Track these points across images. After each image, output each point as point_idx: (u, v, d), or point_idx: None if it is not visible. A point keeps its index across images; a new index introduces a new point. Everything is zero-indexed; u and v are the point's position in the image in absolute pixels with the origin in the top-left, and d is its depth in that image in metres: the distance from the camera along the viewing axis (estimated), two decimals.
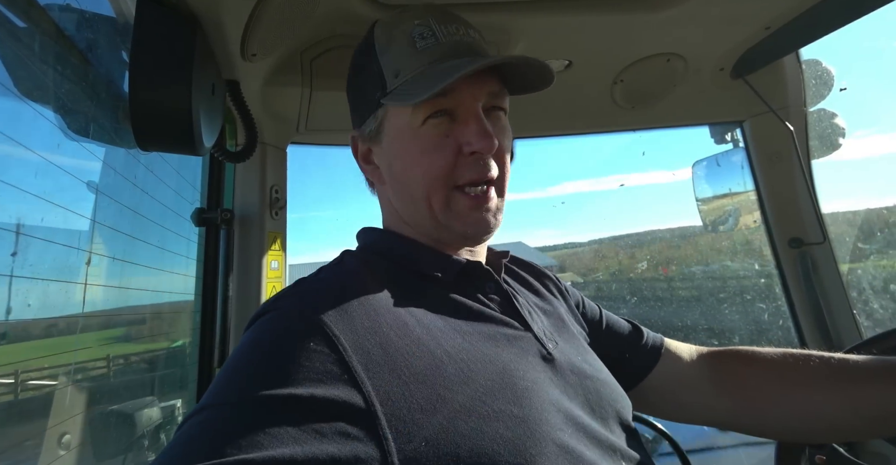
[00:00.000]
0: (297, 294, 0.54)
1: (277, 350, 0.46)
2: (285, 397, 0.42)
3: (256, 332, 0.50)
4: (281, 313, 0.51)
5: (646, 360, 0.81)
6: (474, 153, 0.59)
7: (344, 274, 0.60)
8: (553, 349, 0.61)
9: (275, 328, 0.49)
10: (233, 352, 0.49)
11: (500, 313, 0.62)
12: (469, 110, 0.60)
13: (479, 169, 0.60)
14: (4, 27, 0.76)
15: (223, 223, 1.18)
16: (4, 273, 0.77)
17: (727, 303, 2.60)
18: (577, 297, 0.85)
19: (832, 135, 1.44)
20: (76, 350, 1.02)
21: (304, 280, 0.59)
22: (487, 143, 0.58)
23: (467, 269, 0.63)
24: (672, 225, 4.05)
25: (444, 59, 0.59)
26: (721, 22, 1.06)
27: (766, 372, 0.75)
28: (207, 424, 0.41)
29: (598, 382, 0.62)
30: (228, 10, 0.77)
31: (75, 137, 0.91)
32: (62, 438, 0.96)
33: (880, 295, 1.64)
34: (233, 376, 0.46)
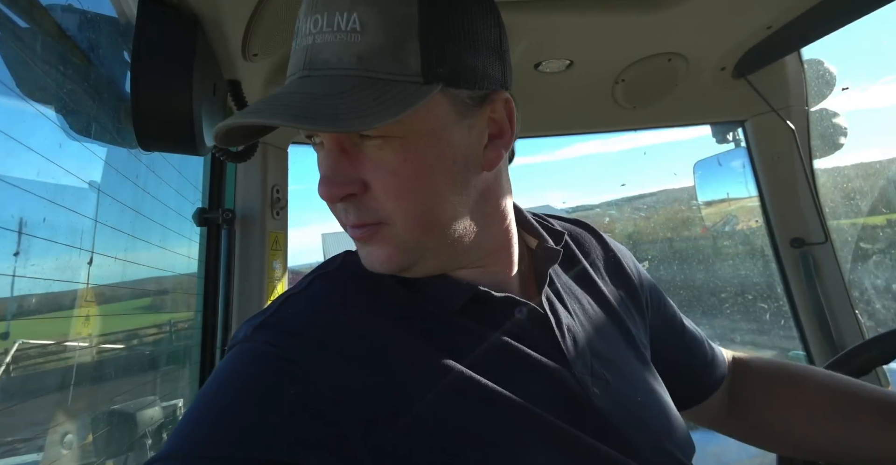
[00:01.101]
0: (277, 324, 0.46)
1: (254, 397, 0.40)
2: (264, 460, 0.37)
3: (230, 368, 0.44)
4: (260, 349, 0.44)
5: (704, 389, 0.73)
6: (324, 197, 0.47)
7: (333, 297, 0.51)
8: (600, 393, 0.51)
9: (251, 369, 0.43)
10: (206, 386, 0.43)
11: (528, 348, 0.50)
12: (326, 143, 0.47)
13: (343, 214, 0.48)
14: (6, 27, 0.76)
15: (224, 223, 1.18)
16: (7, 273, 0.77)
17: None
18: (653, 294, 0.71)
19: (834, 135, 1.44)
20: (77, 351, 1.02)
21: (287, 301, 0.50)
22: (324, 190, 0.46)
23: (480, 299, 0.51)
24: (686, 184, 3.89)
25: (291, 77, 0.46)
26: (722, 21, 1.05)
27: (770, 389, 0.74)
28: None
29: (658, 429, 0.53)
30: (230, 10, 0.78)
31: (77, 137, 0.91)
32: (64, 437, 0.96)
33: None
34: (202, 423, 0.40)
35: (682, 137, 9.52)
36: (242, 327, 0.48)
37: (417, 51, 0.43)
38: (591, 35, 1.05)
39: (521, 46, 1.04)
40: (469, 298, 0.50)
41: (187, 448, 0.38)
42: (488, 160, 0.50)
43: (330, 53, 0.43)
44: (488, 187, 0.52)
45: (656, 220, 3.77)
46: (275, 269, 1.24)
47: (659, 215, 3.82)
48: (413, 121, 0.44)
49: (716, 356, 0.74)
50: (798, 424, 0.71)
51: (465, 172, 0.48)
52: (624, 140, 18.84)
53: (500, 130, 0.51)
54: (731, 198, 1.57)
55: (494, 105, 0.49)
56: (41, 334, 0.96)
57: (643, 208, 4.05)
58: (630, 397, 0.54)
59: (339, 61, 0.43)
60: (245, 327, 0.47)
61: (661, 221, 3.72)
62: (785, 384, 0.73)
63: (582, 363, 0.52)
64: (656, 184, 7.12)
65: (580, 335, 0.55)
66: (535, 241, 0.60)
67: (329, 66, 0.43)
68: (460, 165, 0.47)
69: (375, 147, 0.45)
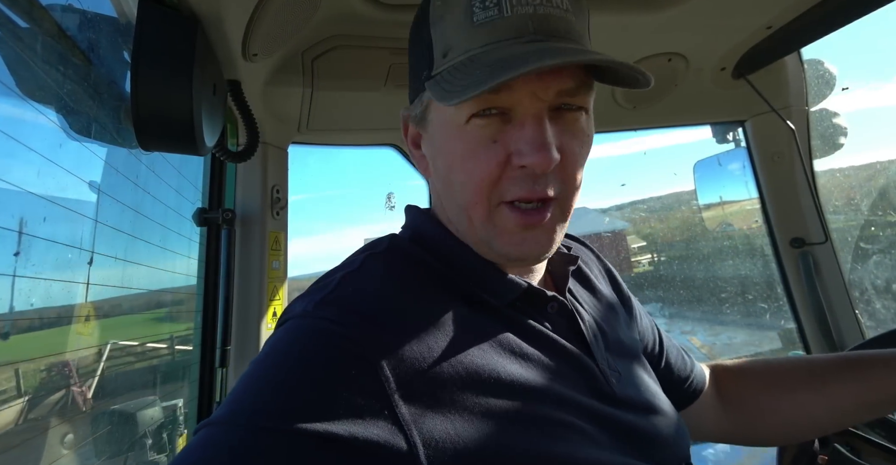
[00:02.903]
0: (340, 302, 0.46)
1: (316, 375, 0.40)
2: (321, 434, 0.37)
3: (294, 342, 0.43)
4: (320, 326, 0.44)
5: (685, 398, 0.77)
6: (525, 167, 0.47)
7: (393, 279, 0.50)
8: (616, 384, 0.54)
9: (313, 346, 0.42)
10: (266, 354, 0.43)
11: (563, 339, 0.53)
12: (527, 112, 0.47)
13: (530, 187, 0.47)
14: (6, 27, 0.76)
15: (224, 223, 1.18)
16: (7, 273, 0.77)
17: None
18: (635, 302, 0.77)
19: (834, 134, 1.44)
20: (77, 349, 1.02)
21: (347, 279, 0.49)
22: (542, 157, 0.45)
23: (528, 294, 0.54)
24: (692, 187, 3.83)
25: (503, 41, 0.46)
26: (722, 22, 1.05)
27: (754, 384, 0.79)
28: (230, 447, 0.37)
29: (660, 417, 0.57)
30: (230, 10, 0.78)
31: (77, 137, 0.91)
32: (64, 438, 0.96)
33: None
34: (266, 392, 0.40)
35: (682, 141, 9.49)
36: (298, 303, 0.48)
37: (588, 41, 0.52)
38: (590, 35, 1.05)
39: None
40: (522, 293, 0.53)
41: (245, 418, 0.38)
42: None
43: (563, 25, 0.47)
44: None
45: (669, 223, 3.78)
46: (275, 269, 1.24)
47: (670, 219, 3.85)
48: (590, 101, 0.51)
49: (694, 367, 0.79)
50: (787, 407, 0.76)
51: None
52: (623, 145, 18.75)
53: None
54: (730, 198, 1.57)
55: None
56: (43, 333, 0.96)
57: (647, 210, 4.06)
58: (637, 388, 0.57)
59: (570, 33, 0.47)
60: (303, 303, 0.47)
61: (675, 225, 3.74)
62: (763, 374, 0.79)
63: (601, 356, 0.56)
64: (658, 187, 7.03)
65: (596, 332, 0.59)
66: None
67: (566, 36, 0.47)
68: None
69: (572, 118, 0.49)
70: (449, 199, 0.55)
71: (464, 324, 0.48)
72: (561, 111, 0.48)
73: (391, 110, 1.08)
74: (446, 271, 0.53)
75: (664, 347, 0.77)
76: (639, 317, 0.75)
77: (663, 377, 0.73)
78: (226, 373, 1.15)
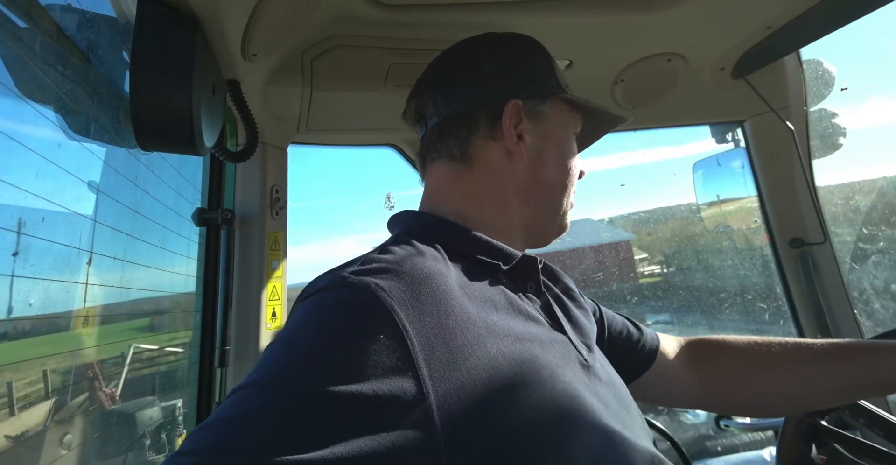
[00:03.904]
0: (371, 272, 0.49)
1: (350, 338, 0.43)
2: (352, 394, 0.40)
3: (325, 310, 0.47)
4: (356, 292, 0.47)
5: (643, 361, 0.85)
6: (582, 175, 0.74)
7: (414, 255, 0.55)
8: (587, 356, 0.60)
9: (349, 311, 0.46)
10: (298, 322, 0.47)
11: (540, 313, 0.61)
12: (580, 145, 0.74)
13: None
14: (5, 27, 0.76)
15: (224, 223, 1.18)
16: (6, 273, 0.77)
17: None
18: (586, 299, 0.85)
19: (833, 135, 1.44)
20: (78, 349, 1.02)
21: (368, 258, 0.54)
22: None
23: (521, 263, 0.63)
24: (680, 202, 3.84)
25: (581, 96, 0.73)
26: (722, 22, 1.05)
27: (735, 358, 0.85)
28: (266, 407, 0.39)
29: (621, 389, 0.63)
30: (229, 10, 0.77)
31: (76, 137, 0.91)
32: (63, 438, 0.96)
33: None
34: (297, 357, 0.43)
35: (679, 155, 9.54)
36: (327, 278, 0.51)
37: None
38: (590, 35, 1.05)
39: None
40: (518, 259, 0.63)
41: (280, 381, 0.41)
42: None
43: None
44: None
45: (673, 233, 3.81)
46: (274, 269, 1.24)
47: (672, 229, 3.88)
48: None
49: (644, 333, 0.87)
50: (762, 384, 0.81)
51: None
52: (621, 158, 19.06)
53: None
54: (730, 198, 1.57)
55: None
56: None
57: (643, 223, 4.07)
58: (601, 362, 0.64)
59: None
60: (329, 277, 0.51)
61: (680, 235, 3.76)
62: (744, 351, 0.85)
63: (572, 334, 0.62)
64: (657, 198, 6.99)
65: (564, 315, 0.66)
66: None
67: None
68: None
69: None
70: (540, 181, 0.69)
71: (475, 293, 0.54)
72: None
73: (391, 110, 1.08)
74: (461, 247, 0.61)
75: (605, 319, 0.85)
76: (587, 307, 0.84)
77: (613, 345, 0.82)
78: (225, 373, 1.15)
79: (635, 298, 3.88)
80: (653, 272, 4.22)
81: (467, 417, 0.43)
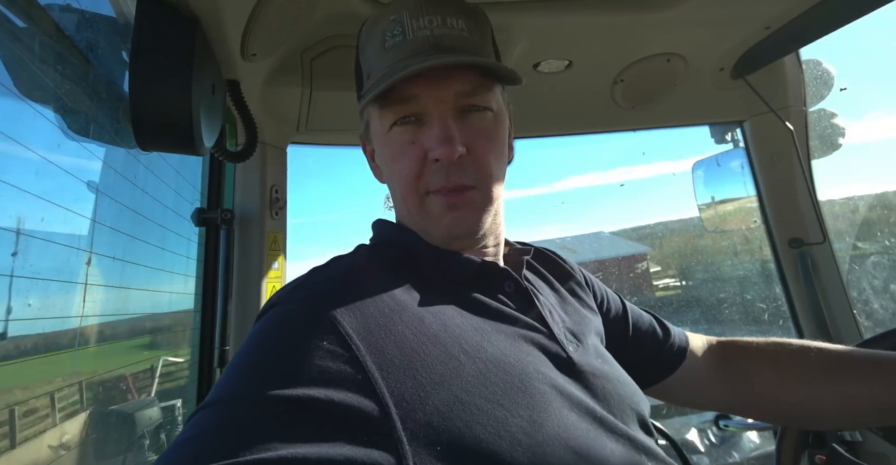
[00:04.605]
0: (309, 286, 0.52)
1: (289, 347, 0.45)
2: (299, 397, 0.41)
3: (267, 325, 0.49)
4: (291, 306, 0.49)
5: (671, 362, 0.81)
6: (438, 160, 0.57)
7: (358, 267, 0.58)
8: (573, 352, 0.59)
9: (286, 323, 0.48)
10: (244, 344, 0.48)
11: (520, 313, 0.60)
12: (434, 115, 0.57)
13: (445, 177, 0.57)
14: (4, 27, 0.76)
15: (223, 223, 1.18)
16: (5, 273, 0.77)
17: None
18: (601, 292, 0.82)
19: (832, 135, 1.44)
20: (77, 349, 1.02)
21: (316, 270, 0.57)
22: (446, 149, 0.55)
23: (483, 270, 0.61)
24: (677, 216, 3.82)
25: (405, 59, 0.57)
26: (721, 22, 1.06)
27: (765, 368, 0.79)
28: (219, 420, 0.40)
29: (617, 384, 0.61)
30: (228, 10, 0.77)
31: (75, 137, 0.91)
32: (62, 438, 0.96)
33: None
34: (244, 372, 0.44)
35: (677, 170, 9.58)
36: (275, 295, 0.54)
37: (493, 54, 0.64)
38: (590, 35, 1.05)
39: (520, 47, 1.04)
40: (476, 269, 0.60)
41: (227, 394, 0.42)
42: (510, 150, 0.65)
43: (453, 42, 0.57)
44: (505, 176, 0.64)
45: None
46: (274, 269, 1.24)
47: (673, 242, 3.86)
48: (498, 101, 0.60)
49: (670, 337, 0.83)
50: (793, 390, 0.76)
51: (505, 155, 0.63)
52: (620, 172, 19.00)
53: (511, 131, 0.66)
54: (729, 198, 1.57)
55: (510, 107, 0.65)
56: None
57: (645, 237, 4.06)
58: (594, 358, 0.62)
59: (463, 47, 0.58)
60: (276, 296, 0.53)
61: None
62: (775, 355, 0.80)
63: (557, 328, 0.61)
64: (657, 213, 6.95)
65: (552, 309, 0.66)
66: (506, 248, 0.73)
67: (455, 50, 0.57)
68: (506, 148, 0.63)
69: (478, 117, 0.58)
70: (394, 197, 0.65)
71: (429, 299, 0.55)
72: (467, 112, 0.58)
73: None
74: (406, 259, 0.61)
75: (630, 317, 0.82)
76: (606, 306, 0.81)
77: (640, 344, 0.80)
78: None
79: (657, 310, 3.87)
80: (668, 285, 4.19)
81: (431, 420, 0.43)
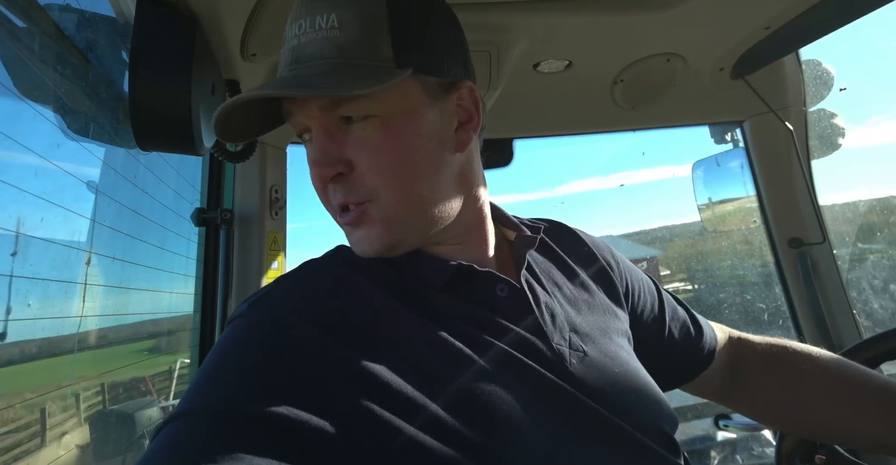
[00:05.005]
0: (270, 301, 0.50)
1: (250, 363, 0.44)
2: (256, 414, 0.40)
3: (229, 340, 0.47)
4: (253, 321, 0.48)
5: (699, 366, 0.76)
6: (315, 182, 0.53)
7: (325, 276, 0.55)
8: (576, 364, 0.54)
9: (248, 339, 0.46)
10: (207, 357, 0.47)
11: (512, 323, 0.54)
12: (312, 131, 0.52)
13: (334, 196, 0.53)
14: (4, 27, 0.76)
15: (223, 223, 1.18)
16: (4, 273, 0.77)
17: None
18: (632, 279, 0.74)
19: (832, 135, 1.44)
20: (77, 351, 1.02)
21: (281, 280, 0.54)
22: (316, 171, 0.51)
23: (463, 274, 0.55)
24: (682, 221, 3.80)
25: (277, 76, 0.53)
26: (721, 22, 1.06)
27: (773, 373, 0.76)
28: (179, 436, 0.40)
29: (636, 398, 0.55)
30: (228, 10, 0.77)
31: (75, 137, 0.91)
32: (62, 437, 0.96)
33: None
34: (204, 387, 0.44)
35: (678, 174, 9.64)
36: (237, 309, 0.52)
37: (389, 42, 0.50)
38: (589, 35, 1.05)
39: (520, 47, 1.04)
40: (453, 274, 0.54)
41: (185, 410, 0.42)
42: (460, 142, 0.56)
43: (314, 48, 0.49)
44: (462, 168, 0.57)
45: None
46: (274, 269, 1.24)
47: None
48: (392, 101, 0.50)
49: (703, 336, 0.77)
50: (799, 409, 0.75)
51: (440, 151, 0.54)
52: (622, 177, 18.86)
53: (468, 115, 0.57)
54: (729, 198, 1.57)
55: (461, 92, 0.56)
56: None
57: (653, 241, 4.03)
58: (608, 368, 0.56)
59: (322, 53, 0.49)
60: (239, 309, 0.51)
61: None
62: (788, 370, 0.76)
63: (559, 336, 0.56)
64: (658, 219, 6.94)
65: (558, 312, 0.59)
66: (513, 233, 0.65)
67: (313, 58, 0.49)
68: (435, 144, 0.53)
69: (359, 128, 0.51)
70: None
71: (401, 311, 0.51)
72: (350, 123, 0.51)
73: None
74: (384, 267, 0.56)
75: (666, 316, 0.75)
76: (632, 293, 0.73)
77: (673, 346, 0.73)
78: None
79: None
80: (676, 289, 4.18)
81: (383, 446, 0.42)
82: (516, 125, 1.41)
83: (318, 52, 0.49)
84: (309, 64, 0.49)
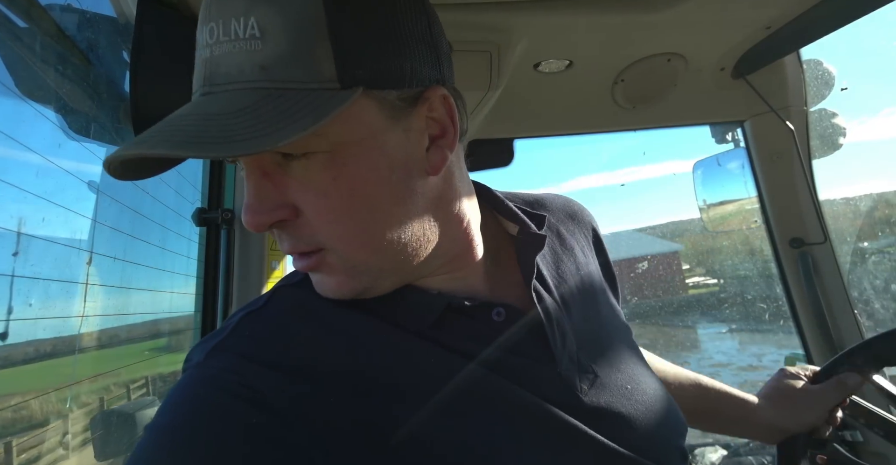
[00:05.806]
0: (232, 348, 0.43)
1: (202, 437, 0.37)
2: None
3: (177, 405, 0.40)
4: (211, 379, 0.40)
5: None
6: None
7: (299, 310, 0.47)
8: (588, 389, 0.48)
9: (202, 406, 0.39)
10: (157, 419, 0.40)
11: (509, 351, 0.47)
12: (247, 175, 0.43)
13: (283, 244, 0.44)
14: (5, 27, 0.76)
15: (224, 223, 1.18)
16: (6, 273, 0.77)
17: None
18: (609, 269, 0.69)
19: (833, 135, 1.44)
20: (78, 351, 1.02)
21: (248, 318, 0.46)
22: (250, 218, 0.41)
23: (452, 308, 0.48)
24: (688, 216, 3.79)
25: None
26: (721, 22, 1.05)
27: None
28: None
29: (656, 417, 0.50)
30: None
31: (76, 137, 0.91)
32: (63, 437, 0.96)
33: None
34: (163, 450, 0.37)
35: (683, 170, 9.77)
36: (196, 350, 0.44)
37: (330, 53, 0.37)
38: (590, 35, 1.05)
39: (520, 46, 1.04)
40: (442, 309, 0.47)
41: None
42: (433, 164, 0.45)
43: (230, 65, 0.38)
44: (438, 192, 0.47)
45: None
46: (274, 269, 1.24)
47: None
48: (337, 132, 0.39)
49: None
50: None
51: (407, 180, 0.43)
52: (629, 172, 19.01)
53: (441, 129, 0.45)
54: (730, 199, 1.57)
55: (431, 103, 0.44)
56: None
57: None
58: (620, 386, 0.51)
59: (241, 73, 0.38)
60: (198, 351, 0.44)
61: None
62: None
63: (568, 359, 0.49)
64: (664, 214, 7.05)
65: (567, 326, 0.52)
66: (515, 227, 0.55)
67: (230, 80, 0.38)
68: (400, 173, 0.43)
69: (301, 167, 0.40)
70: None
71: (382, 356, 0.45)
72: (290, 160, 0.40)
73: None
74: (366, 300, 0.47)
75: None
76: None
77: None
78: None
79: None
80: (697, 284, 4.20)
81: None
82: (517, 125, 1.41)
83: (237, 72, 0.38)
84: (225, 88, 0.38)
